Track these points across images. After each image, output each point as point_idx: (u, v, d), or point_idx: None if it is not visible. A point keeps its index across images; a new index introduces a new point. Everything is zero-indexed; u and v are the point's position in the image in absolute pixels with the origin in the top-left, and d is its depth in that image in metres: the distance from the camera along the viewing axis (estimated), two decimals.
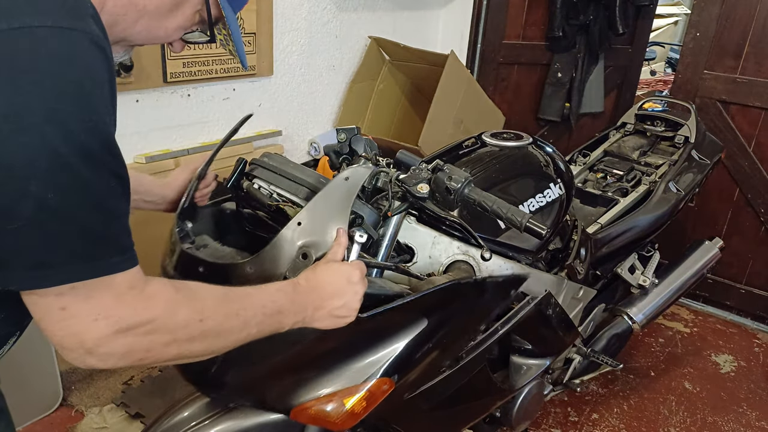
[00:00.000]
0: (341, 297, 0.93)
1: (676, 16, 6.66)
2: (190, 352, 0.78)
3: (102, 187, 0.68)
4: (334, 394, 1.04)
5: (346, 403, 1.04)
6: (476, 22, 3.20)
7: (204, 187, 1.27)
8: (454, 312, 1.16)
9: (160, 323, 0.73)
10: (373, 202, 1.28)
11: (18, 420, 1.96)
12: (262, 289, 0.88)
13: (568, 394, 2.32)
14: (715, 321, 2.95)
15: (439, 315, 1.12)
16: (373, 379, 1.05)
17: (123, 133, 2.08)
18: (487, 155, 1.57)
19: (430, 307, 1.09)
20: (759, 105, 2.71)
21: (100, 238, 0.69)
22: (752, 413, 2.32)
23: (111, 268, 0.69)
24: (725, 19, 2.71)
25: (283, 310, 0.88)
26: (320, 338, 0.97)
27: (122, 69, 1.95)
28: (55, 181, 0.63)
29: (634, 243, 2.04)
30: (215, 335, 0.80)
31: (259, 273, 1.01)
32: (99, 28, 0.70)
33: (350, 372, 1.05)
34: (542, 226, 1.15)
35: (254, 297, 0.86)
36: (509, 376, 1.52)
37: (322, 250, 0.99)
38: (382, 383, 1.06)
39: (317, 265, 0.95)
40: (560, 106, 3.34)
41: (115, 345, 0.70)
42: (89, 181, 0.66)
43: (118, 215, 0.71)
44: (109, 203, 0.69)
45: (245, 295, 0.85)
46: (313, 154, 2.79)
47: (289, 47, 2.55)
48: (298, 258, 1.00)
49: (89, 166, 0.66)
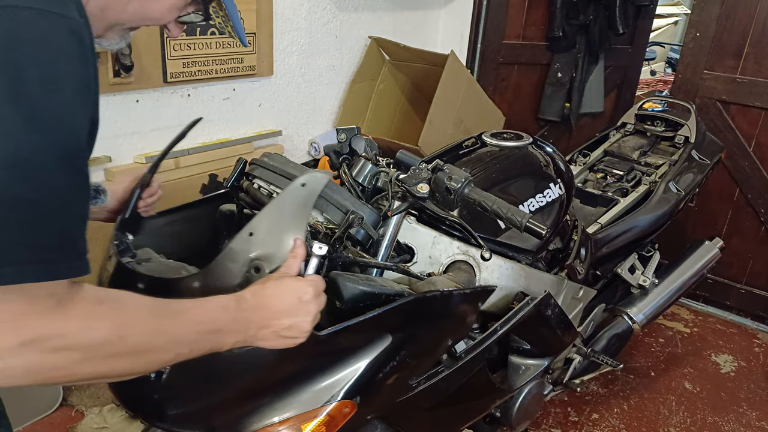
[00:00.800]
0: (290, 316, 0.84)
1: (676, 16, 6.66)
2: (111, 371, 0.71)
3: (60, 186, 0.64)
4: (290, 419, 0.96)
5: (304, 429, 0.96)
6: (476, 22, 3.20)
7: (148, 197, 1.20)
8: (421, 327, 1.09)
9: (71, 339, 0.65)
10: (373, 202, 1.28)
11: (18, 420, 1.97)
12: (200, 304, 0.79)
13: (568, 394, 2.32)
14: (715, 321, 2.95)
15: (405, 330, 1.05)
16: (333, 402, 0.98)
17: (123, 133, 2.08)
18: (487, 155, 1.57)
19: (393, 323, 1.02)
20: (759, 105, 2.71)
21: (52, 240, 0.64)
22: (752, 413, 2.32)
23: (64, 273, 0.65)
24: (725, 19, 2.71)
25: (223, 328, 0.80)
26: (275, 359, 0.90)
27: (122, 69, 1.96)
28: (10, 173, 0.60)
29: (634, 243, 2.04)
30: (139, 353, 0.72)
31: (208, 288, 0.91)
32: (80, 15, 0.68)
33: (308, 395, 0.98)
34: (542, 226, 1.15)
35: (190, 312, 0.77)
36: (508, 376, 1.52)
37: (276, 263, 0.90)
38: (343, 406, 0.99)
39: (268, 279, 0.87)
40: (560, 106, 3.34)
41: (16, 360, 0.62)
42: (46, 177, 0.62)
43: (75, 217, 0.66)
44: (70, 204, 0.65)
45: (180, 310, 0.77)
46: (313, 154, 2.79)
47: (289, 47, 2.55)
48: (250, 272, 0.91)
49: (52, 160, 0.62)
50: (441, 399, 1.26)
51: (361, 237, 1.14)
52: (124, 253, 1.07)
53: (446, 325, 1.16)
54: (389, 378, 1.07)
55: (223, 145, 2.34)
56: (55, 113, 0.63)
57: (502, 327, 1.31)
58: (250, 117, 2.49)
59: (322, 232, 1.10)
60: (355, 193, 1.27)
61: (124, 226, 1.12)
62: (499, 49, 3.24)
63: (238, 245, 0.92)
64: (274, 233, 0.91)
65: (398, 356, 1.05)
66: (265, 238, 0.91)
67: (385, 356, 1.03)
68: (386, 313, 0.98)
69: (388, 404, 1.13)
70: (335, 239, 1.09)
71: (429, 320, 1.10)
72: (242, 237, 0.91)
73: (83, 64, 0.67)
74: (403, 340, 1.05)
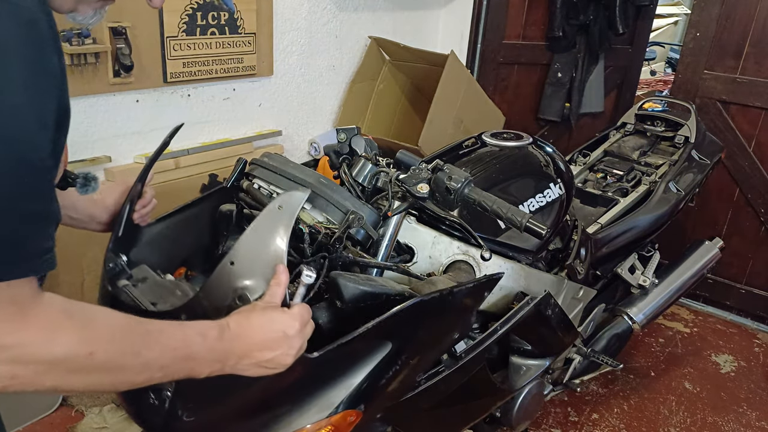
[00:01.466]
0: (272, 350, 0.82)
1: (676, 16, 6.66)
2: (72, 385, 0.68)
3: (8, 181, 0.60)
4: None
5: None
6: (476, 22, 3.21)
7: (141, 207, 1.16)
8: (422, 328, 1.07)
9: (29, 350, 0.63)
10: (373, 202, 1.28)
11: (18, 420, 1.97)
12: (179, 328, 0.77)
13: (568, 394, 2.32)
14: (715, 321, 2.95)
15: (404, 335, 1.03)
16: (336, 413, 0.97)
17: (123, 133, 2.09)
18: (487, 155, 1.57)
19: (392, 329, 1.00)
20: (759, 105, 2.71)
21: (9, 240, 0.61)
22: (752, 413, 2.32)
23: (12, 274, 0.62)
24: (725, 19, 2.71)
25: (197, 357, 0.76)
26: (272, 378, 0.87)
27: (122, 69, 1.96)
28: None
29: (634, 243, 2.04)
30: (108, 371, 0.69)
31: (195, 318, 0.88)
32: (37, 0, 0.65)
33: (311, 409, 0.97)
34: (542, 226, 1.15)
35: (165, 336, 0.74)
36: (509, 377, 1.52)
37: (260, 292, 0.88)
38: (347, 415, 0.98)
39: (254, 308, 0.84)
40: (560, 106, 3.34)
41: None
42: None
43: (27, 215, 0.63)
44: (18, 203, 0.62)
45: (156, 331, 0.74)
46: (313, 154, 2.79)
47: (289, 47, 2.55)
48: (234, 302, 0.88)
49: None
50: (441, 399, 1.26)
51: (361, 237, 1.14)
52: (119, 276, 1.05)
53: (452, 321, 1.15)
54: (393, 381, 1.05)
55: (223, 145, 2.35)
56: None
57: (502, 327, 1.31)
58: (250, 117, 2.49)
59: (322, 232, 1.10)
60: (355, 193, 1.28)
61: (117, 246, 1.09)
62: (499, 49, 3.24)
63: (220, 276, 0.90)
64: (255, 260, 0.88)
65: (400, 360, 1.04)
66: (247, 266, 0.88)
67: (386, 362, 1.01)
68: (383, 323, 0.96)
69: (395, 404, 1.13)
70: (335, 239, 1.09)
71: (430, 320, 1.09)
72: (224, 266, 0.89)
73: (39, 53, 0.64)
74: (404, 343, 1.03)
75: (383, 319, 0.96)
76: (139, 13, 1.97)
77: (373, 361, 1.00)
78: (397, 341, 1.02)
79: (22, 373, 0.63)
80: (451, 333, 1.17)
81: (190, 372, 0.77)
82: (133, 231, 1.14)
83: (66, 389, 0.69)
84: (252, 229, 0.90)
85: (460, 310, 1.15)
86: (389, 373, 1.03)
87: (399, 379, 1.07)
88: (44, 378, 0.65)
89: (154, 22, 2.03)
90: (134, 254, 1.13)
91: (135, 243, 1.14)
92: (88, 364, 0.67)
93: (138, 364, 0.72)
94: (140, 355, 0.71)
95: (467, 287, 1.11)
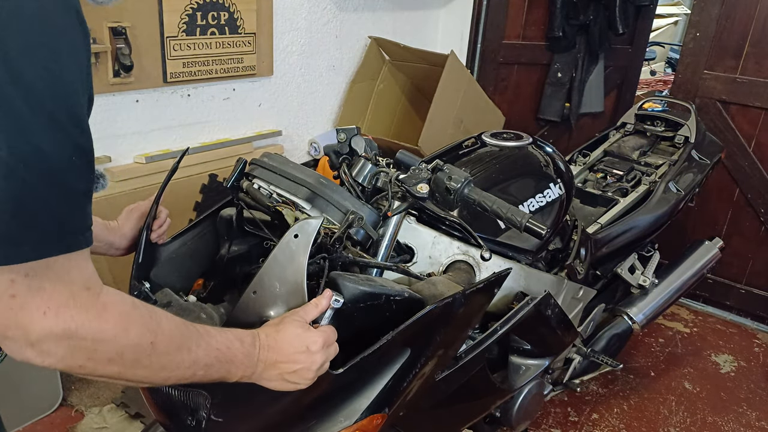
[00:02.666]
0: (296, 363, 0.87)
1: (676, 16, 6.66)
2: (133, 375, 0.72)
3: (63, 158, 0.63)
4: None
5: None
6: (476, 22, 3.20)
7: (158, 227, 1.20)
8: (440, 331, 1.10)
9: (109, 335, 0.67)
10: (373, 202, 1.28)
11: (18, 420, 1.97)
12: (221, 332, 0.83)
13: (568, 394, 2.32)
14: (715, 321, 2.95)
15: (422, 339, 1.07)
16: (363, 418, 1.01)
17: (123, 133, 2.09)
18: (487, 155, 1.57)
19: (410, 337, 1.03)
20: (759, 105, 2.71)
21: (60, 216, 0.63)
22: (752, 413, 2.32)
23: (71, 246, 0.64)
24: (725, 19, 2.71)
25: (236, 360, 0.82)
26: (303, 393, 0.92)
27: (122, 69, 1.95)
28: (12, 144, 0.58)
29: (634, 243, 2.04)
30: (161, 366, 0.74)
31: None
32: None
33: (339, 417, 1.01)
34: (542, 226, 1.15)
35: (212, 337, 0.80)
36: (508, 376, 1.52)
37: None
38: (374, 419, 1.03)
39: (282, 320, 0.89)
40: (560, 106, 3.34)
41: (59, 345, 0.64)
42: (49, 149, 0.61)
43: (77, 193, 0.66)
44: (67, 177, 0.64)
45: (204, 332, 0.80)
46: (313, 154, 2.79)
47: (289, 47, 2.55)
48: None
49: (52, 132, 0.61)
50: (441, 399, 1.26)
51: (360, 237, 1.14)
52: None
53: (467, 320, 1.18)
54: (415, 383, 1.09)
55: (223, 145, 2.35)
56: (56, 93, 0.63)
57: (502, 327, 1.31)
58: (250, 117, 2.49)
59: (321, 232, 1.10)
60: (355, 193, 1.27)
61: (140, 273, 1.12)
62: (499, 49, 3.24)
63: (244, 305, 0.95)
64: (276, 290, 0.94)
65: (420, 363, 1.07)
66: (267, 297, 0.94)
67: (406, 367, 1.05)
68: (402, 332, 0.99)
69: (415, 403, 1.15)
70: (335, 239, 1.08)
71: (449, 322, 1.11)
72: (247, 296, 0.95)
73: (86, 40, 0.66)
74: (423, 346, 1.06)
75: (401, 330, 0.99)
76: (139, 13, 1.97)
77: (395, 367, 1.04)
78: (416, 346, 1.05)
79: (96, 356, 0.67)
80: (466, 330, 1.20)
81: (226, 374, 0.82)
82: (152, 251, 1.17)
83: (125, 379, 0.72)
84: (271, 260, 0.95)
85: (474, 309, 1.18)
86: (410, 376, 1.07)
87: (420, 380, 1.10)
88: (111, 366, 0.69)
89: (154, 22, 2.03)
90: (155, 274, 1.16)
91: (155, 263, 1.17)
92: (149, 354, 0.71)
93: (189, 360, 0.76)
94: (191, 351, 0.76)
95: (477, 287, 1.14)
